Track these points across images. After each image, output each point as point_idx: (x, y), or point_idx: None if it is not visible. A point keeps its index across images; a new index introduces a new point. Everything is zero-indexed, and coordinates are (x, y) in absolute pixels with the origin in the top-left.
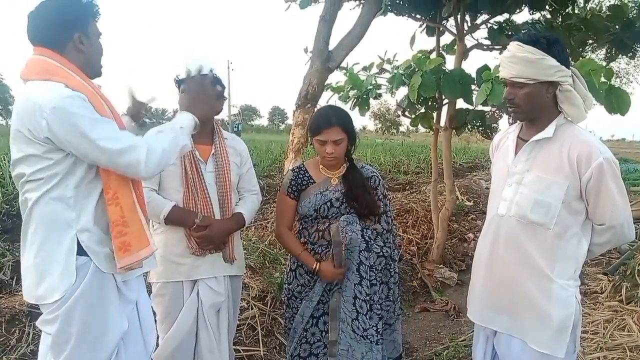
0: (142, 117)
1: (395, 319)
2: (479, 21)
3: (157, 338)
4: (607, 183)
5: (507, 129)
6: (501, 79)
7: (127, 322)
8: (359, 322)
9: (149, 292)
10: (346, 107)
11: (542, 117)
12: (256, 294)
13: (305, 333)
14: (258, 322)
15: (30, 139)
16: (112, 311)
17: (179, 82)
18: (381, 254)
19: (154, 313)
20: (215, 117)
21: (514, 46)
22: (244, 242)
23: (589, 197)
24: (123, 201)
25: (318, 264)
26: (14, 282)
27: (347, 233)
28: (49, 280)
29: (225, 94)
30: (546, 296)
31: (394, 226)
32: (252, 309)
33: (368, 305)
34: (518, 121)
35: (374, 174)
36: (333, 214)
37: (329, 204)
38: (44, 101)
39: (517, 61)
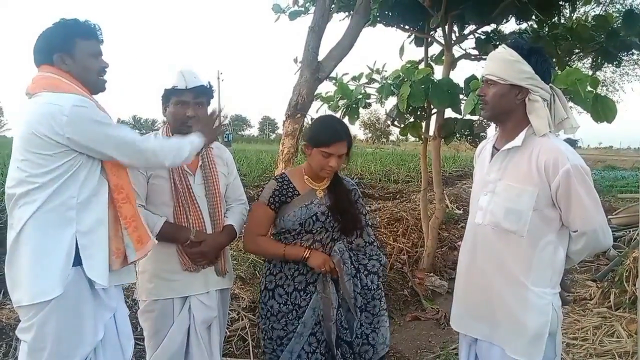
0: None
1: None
2: (466, 31)
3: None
4: (576, 189)
5: (488, 139)
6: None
7: (102, 330)
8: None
9: (136, 307)
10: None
11: (511, 123)
12: (247, 305)
13: None
14: (249, 333)
15: (44, 139)
16: (87, 319)
17: (170, 93)
18: (367, 271)
19: (137, 329)
20: None
21: (499, 48)
22: (234, 253)
23: (560, 204)
24: (132, 200)
25: (308, 250)
26: (1, 295)
27: (346, 263)
28: (49, 275)
29: (215, 104)
30: (522, 304)
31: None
32: (242, 320)
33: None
34: (489, 122)
35: (354, 187)
36: (318, 229)
37: (314, 217)
38: (63, 102)
39: (495, 59)
